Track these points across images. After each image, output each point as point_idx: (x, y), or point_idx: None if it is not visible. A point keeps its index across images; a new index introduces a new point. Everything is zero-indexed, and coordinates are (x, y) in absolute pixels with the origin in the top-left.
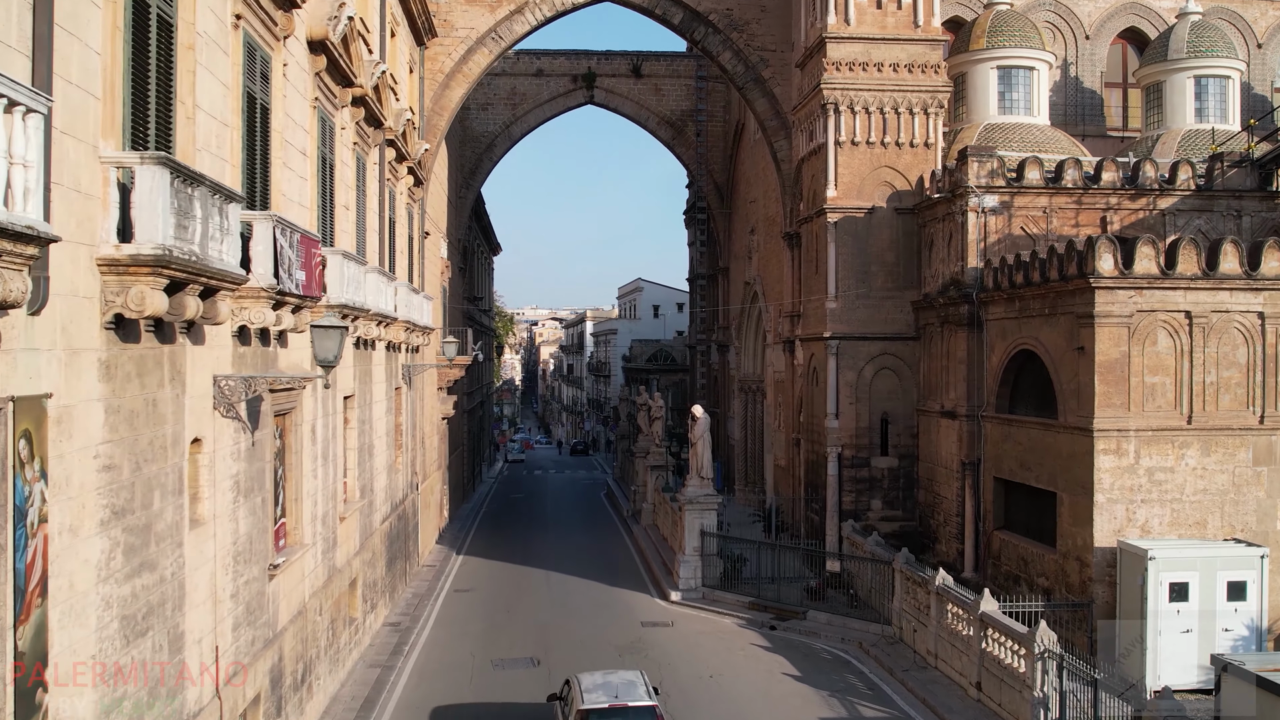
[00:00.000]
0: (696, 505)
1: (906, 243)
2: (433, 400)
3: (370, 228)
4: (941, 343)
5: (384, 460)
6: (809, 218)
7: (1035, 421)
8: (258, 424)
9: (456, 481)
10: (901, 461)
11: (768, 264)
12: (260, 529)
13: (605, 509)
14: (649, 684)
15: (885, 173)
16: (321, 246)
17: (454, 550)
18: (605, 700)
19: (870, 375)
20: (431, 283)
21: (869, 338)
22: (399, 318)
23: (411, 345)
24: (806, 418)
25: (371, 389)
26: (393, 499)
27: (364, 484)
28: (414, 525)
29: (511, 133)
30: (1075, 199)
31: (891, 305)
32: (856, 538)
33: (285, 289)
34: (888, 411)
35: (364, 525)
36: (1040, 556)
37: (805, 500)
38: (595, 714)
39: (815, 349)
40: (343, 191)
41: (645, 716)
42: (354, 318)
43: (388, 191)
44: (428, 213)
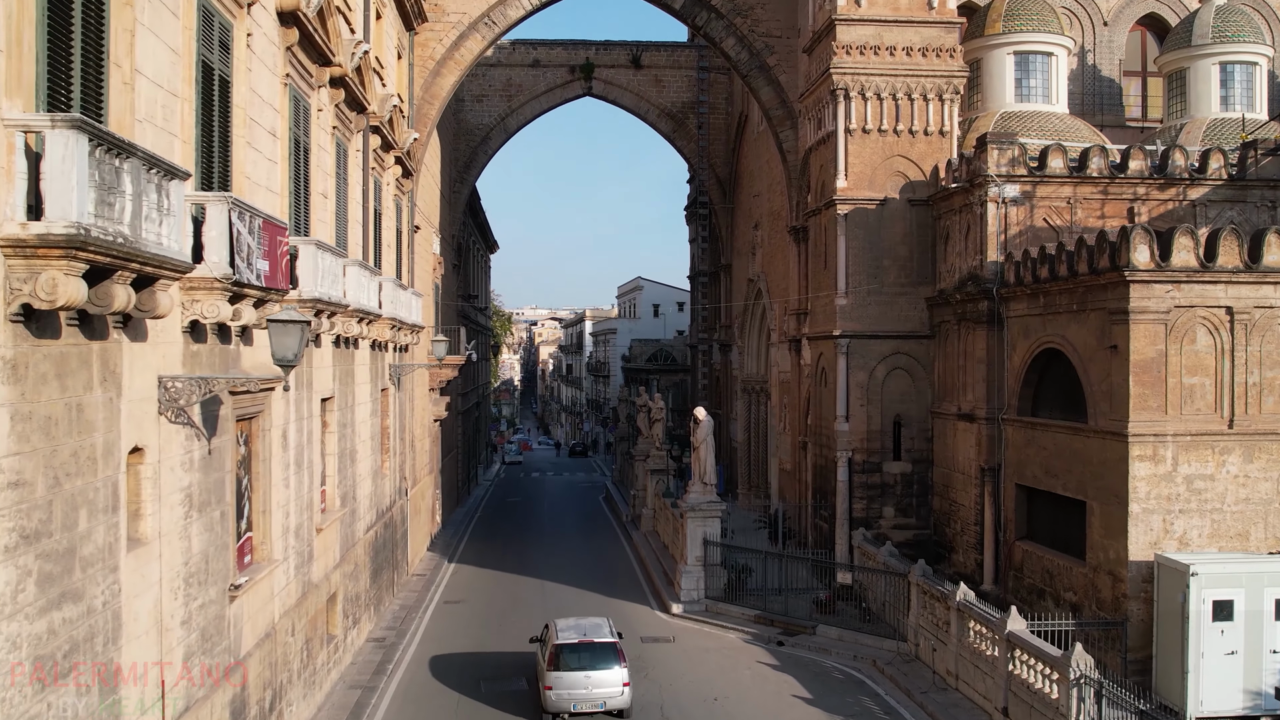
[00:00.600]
0: (699, 513)
1: (920, 236)
2: (424, 402)
3: (352, 219)
4: (958, 341)
5: (368, 466)
6: (817, 210)
7: (1062, 425)
8: (215, 430)
9: (450, 485)
10: (915, 467)
11: (772, 260)
12: (219, 546)
13: (604, 513)
14: (613, 629)
15: (898, 162)
16: (293, 236)
17: (446, 558)
18: (575, 637)
19: (882, 376)
20: (423, 279)
21: (881, 336)
22: (384, 315)
23: (400, 344)
24: (814, 420)
25: (354, 390)
26: (379, 506)
27: (345, 492)
28: (403, 533)
29: (507, 125)
30: (1101, 189)
31: (905, 302)
32: (868, 547)
33: (244, 280)
34: (900, 414)
35: (345, 536)
36: (1068, 570)
37: (813, 507)
38: (567, 648)
39: (824, 348)
40: (320, 178)
41: (608, 650)
42: (330, 313)
43: (373, 181)
44: (418, 206)
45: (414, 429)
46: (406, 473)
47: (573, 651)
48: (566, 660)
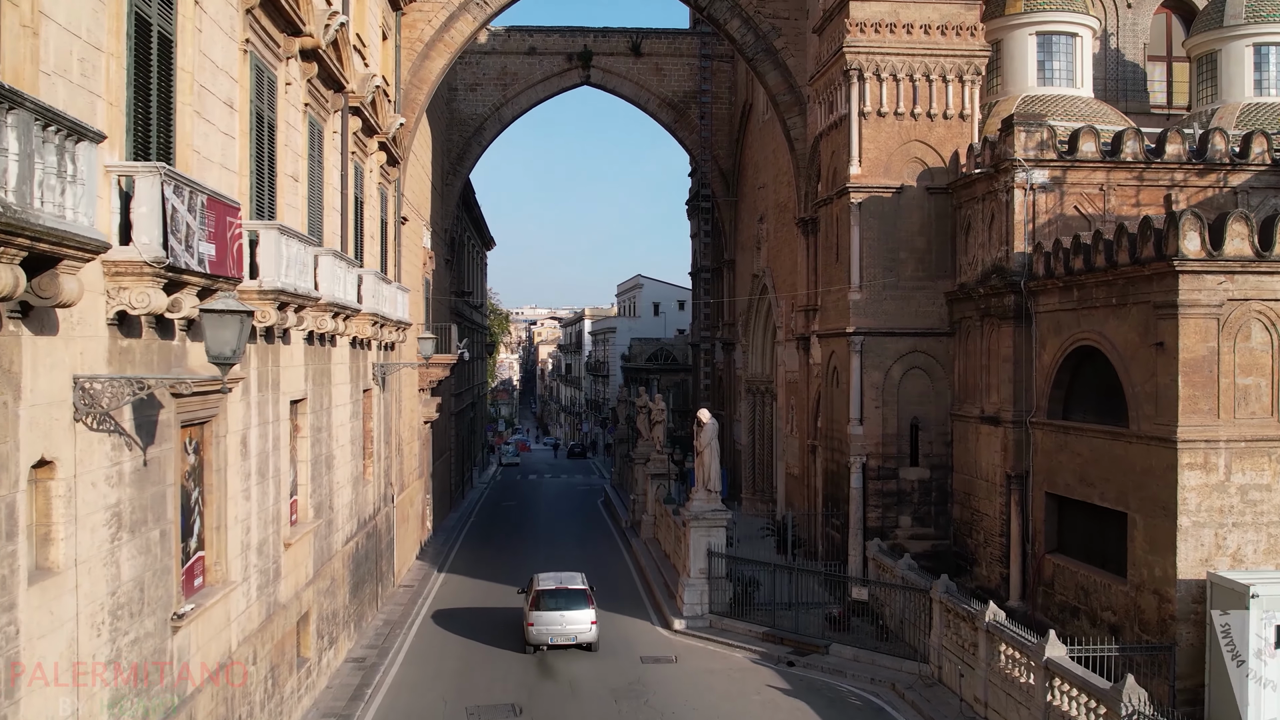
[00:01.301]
0: (703, 522)
1: (939, 226)
2: (413, 402)
3: (329, 205)
4: (981, 339)
5: (348, 472)
6: (828, 200)
7: (1099, 429)
8: (153, 438)
9: (442, 489)
10: (934, 473)
11: (779, 254)
12: (158, 570)
13: (602, 519)
14: (587, 582)
15: (915, 147)
16: (253, 219)
17: (435, 567)
18: (553, 585)
19: (898, 375)
20: (411, 274)
21: (897, 333)
22: (364, 310)
23: (384, 342)
24: (825, 423)
25: (330, 391)
26: (360, 515)
27: (320, 501)
28: (388, 542)
29: (502, 115)
30: (1136, 175)
31: (923, 297)
32: (884, 559)
33: (181, 265)
34: (918, 416)
35: (320, 549)
36: (1105, 587)
37: (824, 515)
38: (546, 593)
39: (836, 346)
40: (289, 159)
41: (580, 595)
42: (298, 307)
43: (353, 167)
44: (406, 196)
45: (401, 431)
46: (393, 478)
47: (551, 596)
48: (545, 603)
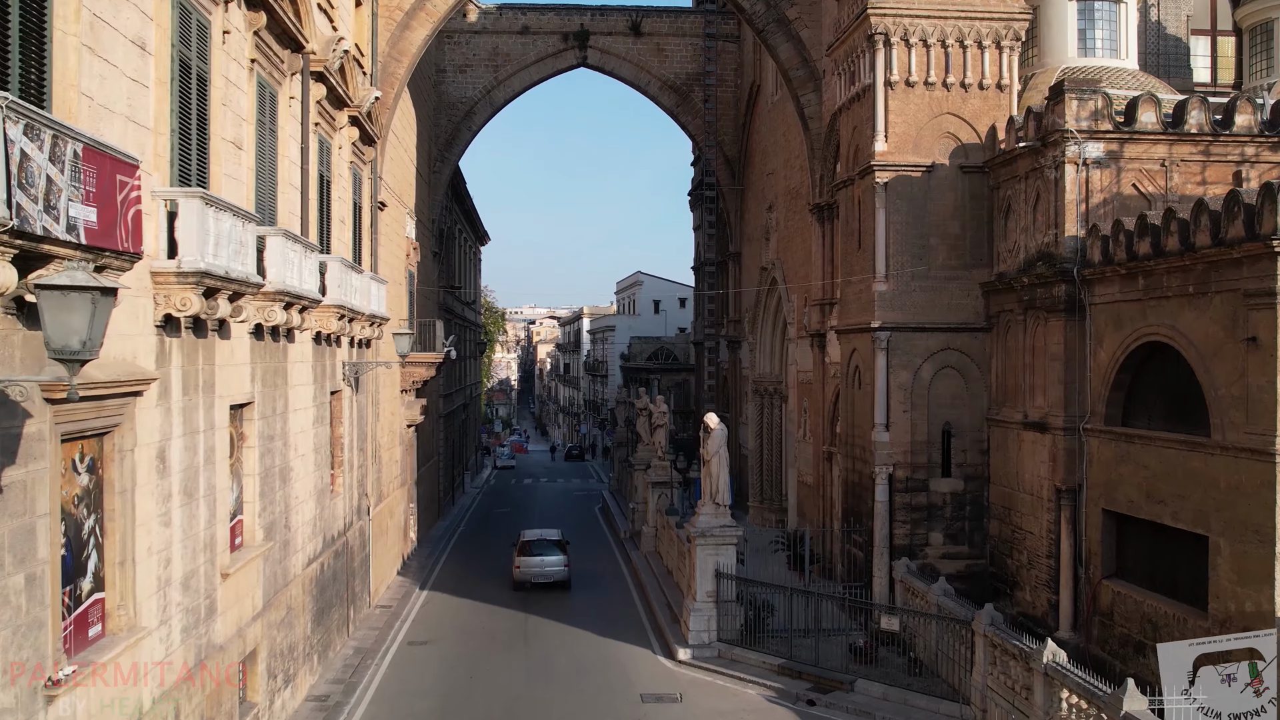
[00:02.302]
0: (711, 539)
1: (974, 209)
2: (394, 404)
3: (285, 181)
4: (1024, 334)
5: (311, 485)
6: (848, 181)
7: (1171, 439)
8: (13, 456)
9: (429, 497)
10: (968, 485)
11: (790, 244)
12: (25, 626)
13: (599, 528)
14: (563, 536)
15: (947, 121)
16: (173, 186)
17: (418, 584)
18: (536, 536)
19: (929, 376)
20: (392, 265)
21: (928, 328)
22: (328, 301)
23: (358, 338)
24: (846, 428)
25: (288, 394)
26: (326, 532)
27: (273, 520)
28: (362, 560)
29: (493, 98)
30: (1202, 149)
31: (956, 288)
32: (914, 582)
33: (36, 230)
34: (951, 421)
35: (273, 575)
36: (1179, 621)
37: (843, 531)
38: (531, 542)
39: (858, 343)
40: (229, 122)
41: (556, 545)
42: (233, 294)
43: (317, 141)
44: (384, 180)
45: (380, 437)
46: (369, 488)
47: (534, 544)
48: (529, 550)
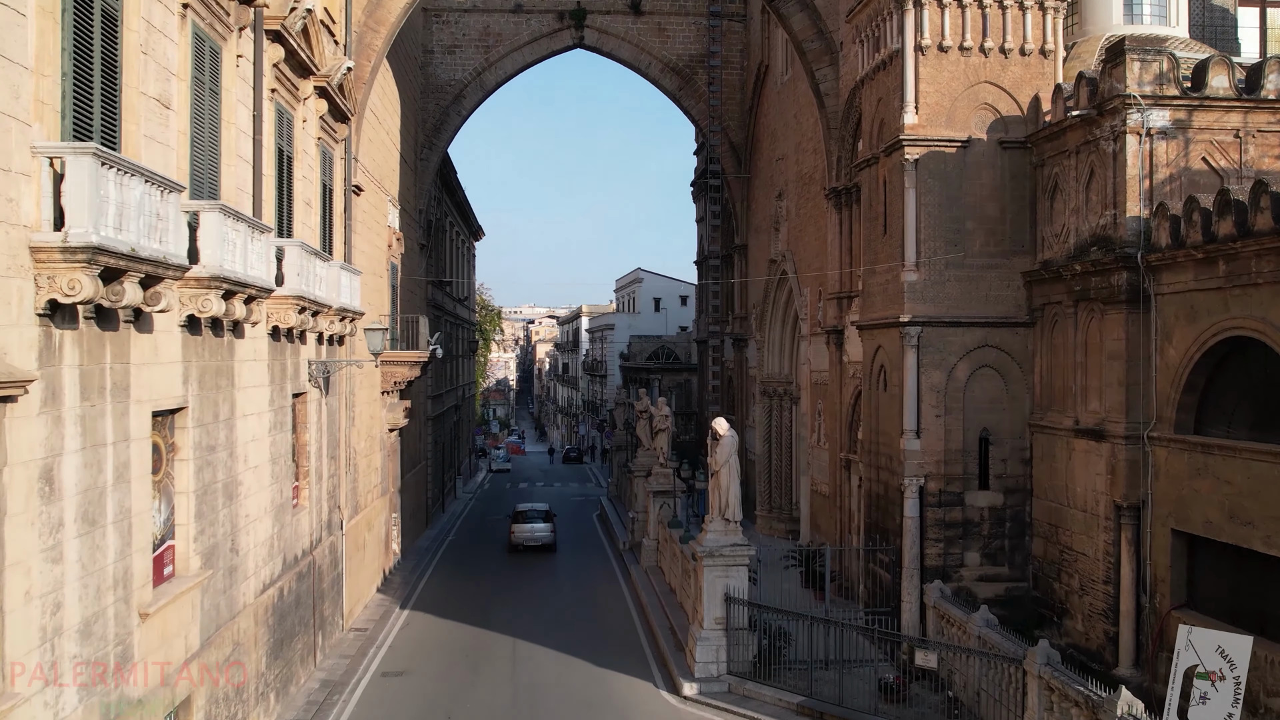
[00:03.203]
0: (719, 560)
1: (1015, 189)
2: (373, 407)
3: (230, 151)
4: (1075, 329)
5: (266, 500)
6: (872, 160)
7: (1262, 450)
8: None
9: (415, 505)
10: (1008, 498)
11: (802, 234)
12: None
13: (597, 537)
14: (549, 509)
15: (985, 91)
16: (63, 141)
17: (398, 603)
18: (527, 508)
19: (964, 376)
20: (371, 255)
21: (963, 323)
22: (285, 291)
23: (329, 334)
24: (869, 434)
25: (234, 397)
26: (288, 552)
27: (214, 544)
28: (333, 579)
29: (484, 81)
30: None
31: (994, 278)
32: (951, 610)
33: None
34: (989, 427)
35: (215, 608)
36: (1270, 664)
37: (866, 550)
38: (523, 512)
39: (883, 340)
40: (150, 74)
41: (543, 514)
42: (147, 278)
43: (274, 109)
44: (362, 163)
45: (356, 442)
46: (342, 500)
47: (527, 514)
48: (522, 518)
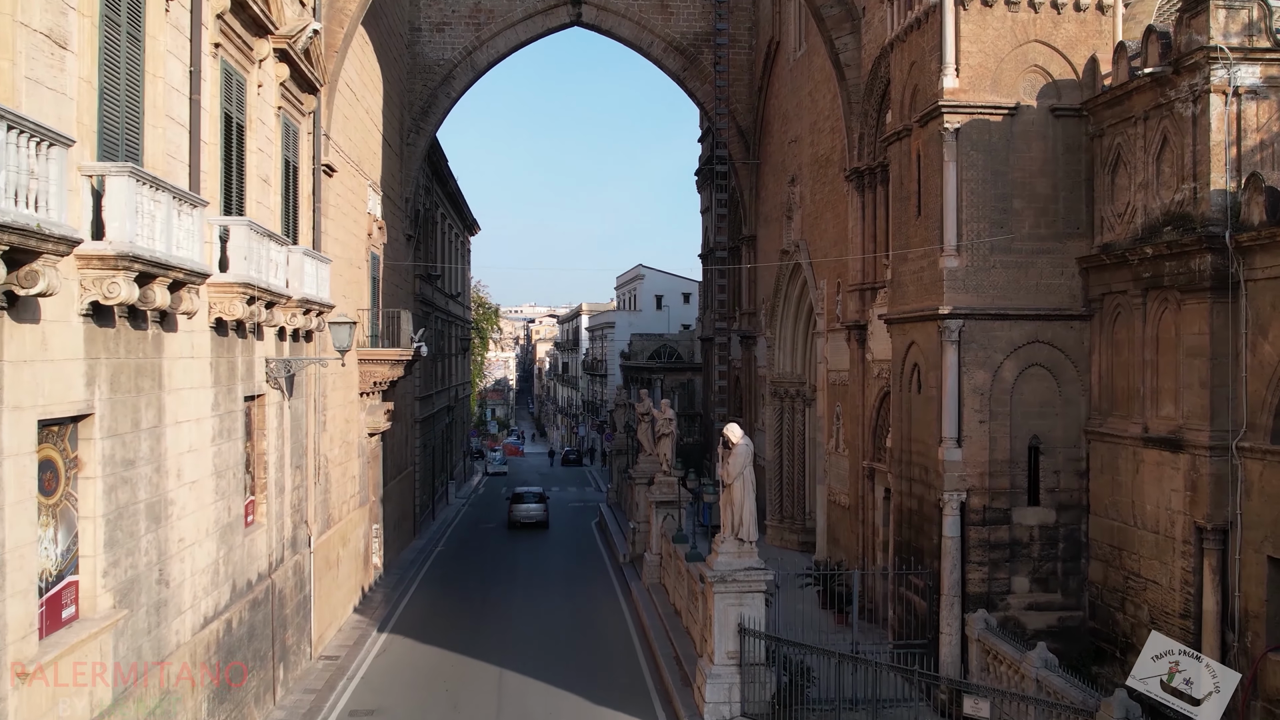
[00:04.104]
0: (733, 585)
1: (1069, 163)
2: (350, 410)
3: (155, 108)
4: (1143, 322)
5: (209, 519)
6: (903, 132)
7: None
8: None
9: (401, 515)
10: (1060, 515)
11: (818, 221)
12: None
13: (595, 549)
14: (544, 490)
15: (1035, 52)
16: None
17: (376, 624)
18: (524, 491)
19: (1011, 376)
20: (349, 244)
21: (1010, 315)
22: (231, 278)
23: (291, 329)
24: (900, 442)
25: (161, 400)
26: (238, 578)
27: (133, 577)
28: (298, 603)
29: (475, 61)
30: None
31: (1046, 264)
32: (999, 645)
33: None
34: (1039, 435)
35: (134, 652)
36: None
37: (895, 573)
38: (520, 494)
39: (918, 335)
40: (37, 3)
41: (537, 496)
42: (18, 254)
43: (220, 69)
44: (333, 141)
45: (328, 450)
46: (310, 513)
47: (523, 496)
48: (520, 499)
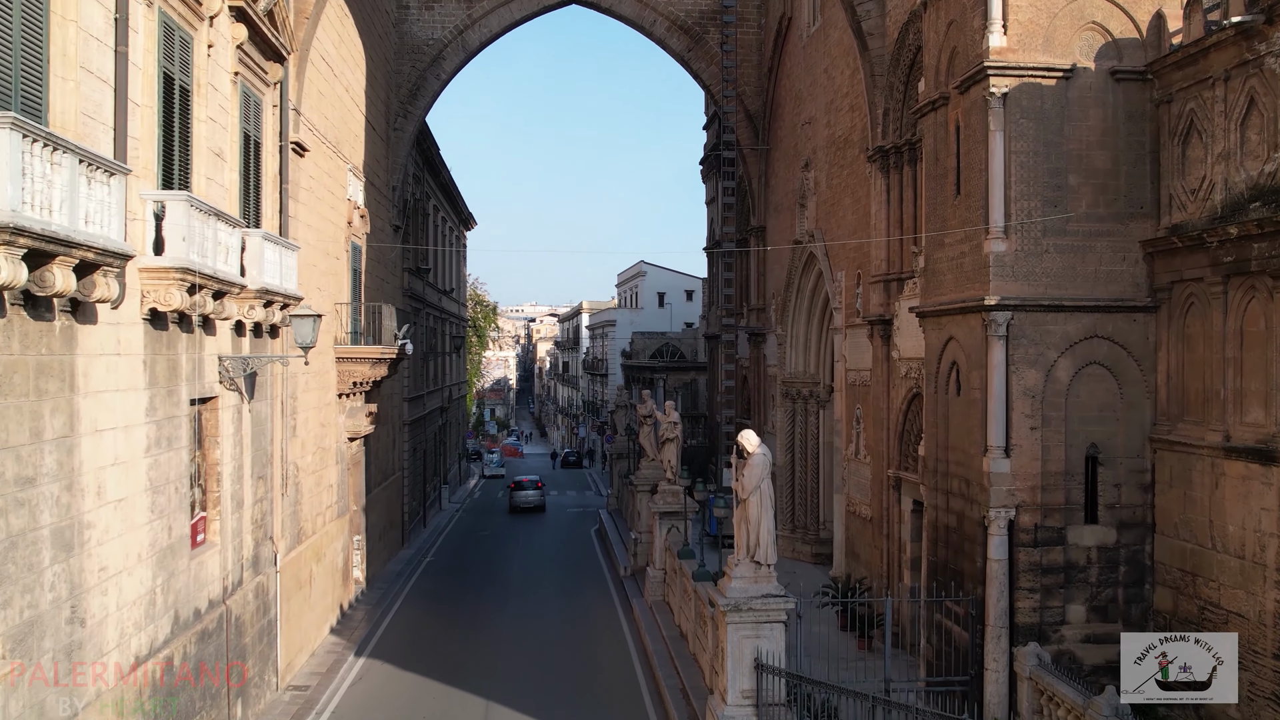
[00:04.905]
0: (748, 615)
1: (1131, 133)
2: (326, 412)
3: (64, 56)
4: (1223, 314)
5: (140, 544)
6: (939, 101)
7: None
8: None
9: (387, 523)
10: (1122, 535)
11: (835, 208)
12: None
13: (595, 559)
14: (540, 479)
15: (1092, 7)
16: None
17: (354, 647)
18: (524, 478)
19: (1066, 377)
20: (321, 230)
21: (1066, 306)
22: (167, 262)
23: (251, 323)
24: (936, 450)
25: (73, 405)
26: (181, 610)
27: (27, 622)
28: (261, 629)
29: (466, 40)
30: None
31: (1106, 248)
32: (1058, 687)
33: None
34: (1098, 443)
35: (34, 711)
36: None
37: (932, 599)
38: (519, 482)
39: (958, 330)
40: None
41: (535, 484)
42: None
43: (157, 20)
44: (305, 117)
45: (299, 457)
46: (277, 528)
47: (522, 483)
48: (519, 486)
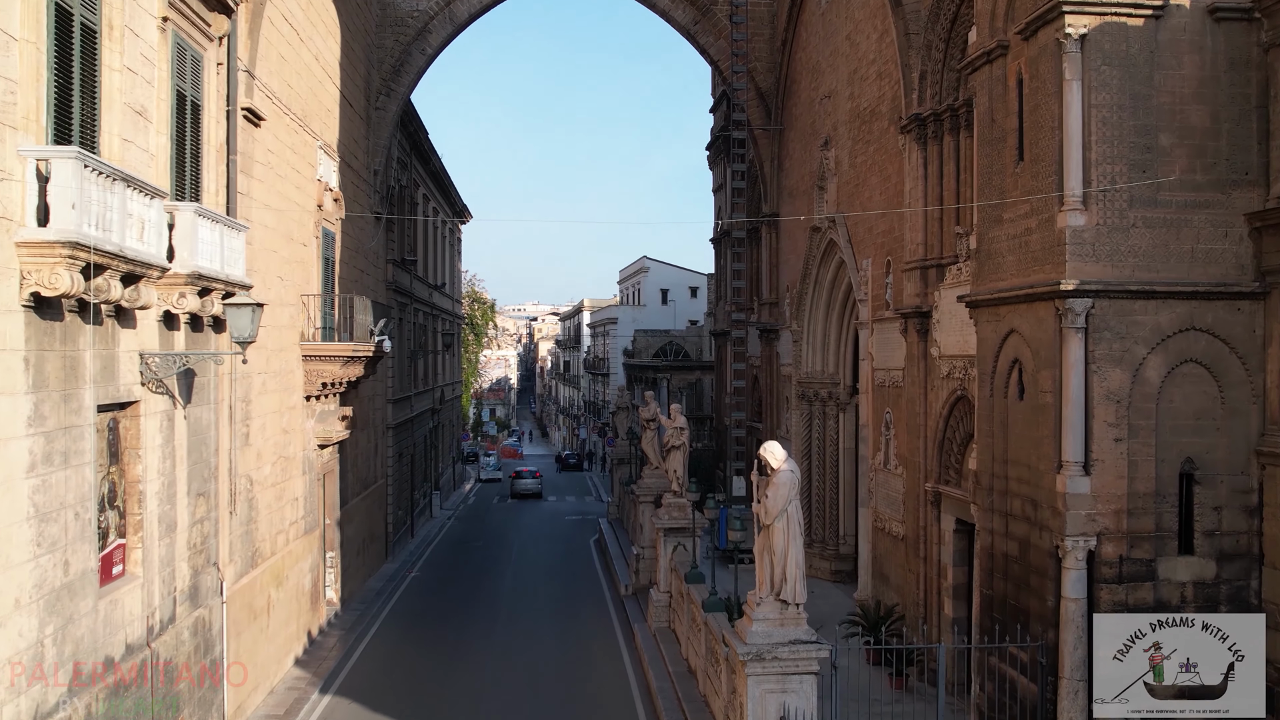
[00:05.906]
0: (774, 665)
1: (1234, 84)
2: (289, 417)
3: None
4: None
5: (20, 586)
6: (995, 52)
7: None
8: None
9: (369, 535)
10: (1223, 567)
11: (860, 188)
12: None
13: (593, 574)
14: (538, 469)
15: None
16: None
17: (320, 682)
18: (523, 469)
19: (1157, 378)
20: (285, 212)
21: (1158, 293)
22: (53, 236)
23: (183, 313)
24: (993, 465)
25: None
26: (83, 662)
27: None
28: (201, 673)
29: (454, 13)
30: None
31: (1203, 221)
32: None
33: None
34: (1193, 457)
35: None
36: None
37: (993, 646)
38: (519, 473)
39: (1022, 321)
40: None
41: (533, 474)
42: None
43: None
44: (261, 82)
45: (255, 469)
46: (224, 552)
47: (521, 474)
48: (519, 476)
